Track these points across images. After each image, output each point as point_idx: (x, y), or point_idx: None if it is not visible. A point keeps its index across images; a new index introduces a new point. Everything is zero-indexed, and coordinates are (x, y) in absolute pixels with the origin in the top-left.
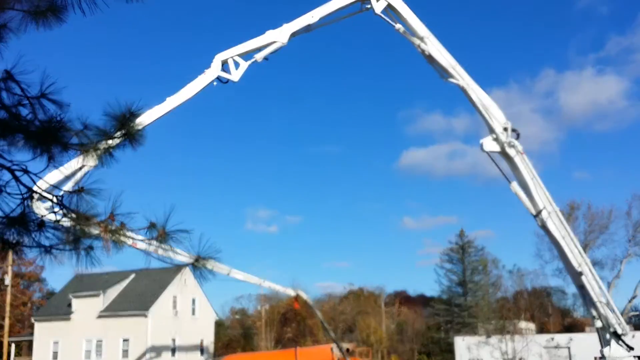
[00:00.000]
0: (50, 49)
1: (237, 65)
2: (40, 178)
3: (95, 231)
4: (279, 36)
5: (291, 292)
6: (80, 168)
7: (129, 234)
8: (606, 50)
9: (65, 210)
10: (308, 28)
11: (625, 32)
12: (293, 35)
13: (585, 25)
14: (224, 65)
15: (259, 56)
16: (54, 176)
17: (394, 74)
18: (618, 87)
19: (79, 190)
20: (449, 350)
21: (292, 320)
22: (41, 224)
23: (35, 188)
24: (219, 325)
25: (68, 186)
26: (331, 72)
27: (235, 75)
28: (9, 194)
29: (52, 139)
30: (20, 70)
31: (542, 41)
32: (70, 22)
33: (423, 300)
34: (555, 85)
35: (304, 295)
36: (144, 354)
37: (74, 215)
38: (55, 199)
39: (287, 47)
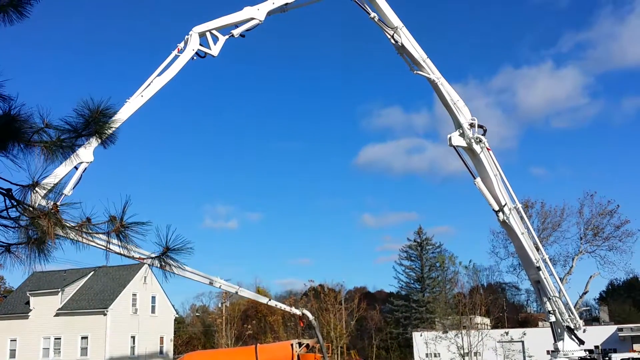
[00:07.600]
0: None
1: (215, 39)
2: None
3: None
4: (256, 13)
5: (297, 312)
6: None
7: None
8: (561, 46)
9: (17, 205)
10: (284, 8)
11: (581, 28)
12: (269, 13)
13: (542, 20)
14: (201, 39)
15: (236, 32)
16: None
17: (354, 69)
18: (574, 83)
19: (32, 185)
20: (407, 345)
21: (252, 317)
22: None
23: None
24: (179, 322)
25: (68, 188)
26: (291, 66)
27: (214, 49)
28: None
29: (10, 135)
30: None
31: (501, 36)
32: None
33: (382, 297)
34: (513, 82)
35: (309, 316)
36: None
37: (26, 209)
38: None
39: (248, 39)
